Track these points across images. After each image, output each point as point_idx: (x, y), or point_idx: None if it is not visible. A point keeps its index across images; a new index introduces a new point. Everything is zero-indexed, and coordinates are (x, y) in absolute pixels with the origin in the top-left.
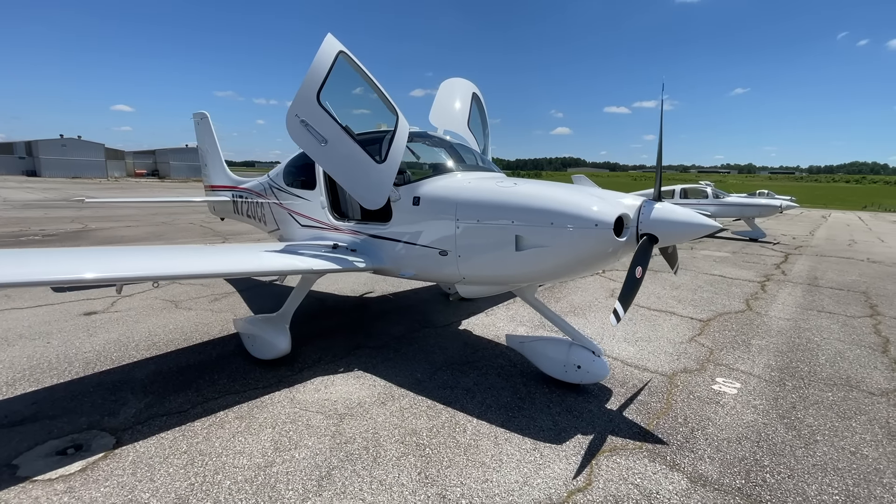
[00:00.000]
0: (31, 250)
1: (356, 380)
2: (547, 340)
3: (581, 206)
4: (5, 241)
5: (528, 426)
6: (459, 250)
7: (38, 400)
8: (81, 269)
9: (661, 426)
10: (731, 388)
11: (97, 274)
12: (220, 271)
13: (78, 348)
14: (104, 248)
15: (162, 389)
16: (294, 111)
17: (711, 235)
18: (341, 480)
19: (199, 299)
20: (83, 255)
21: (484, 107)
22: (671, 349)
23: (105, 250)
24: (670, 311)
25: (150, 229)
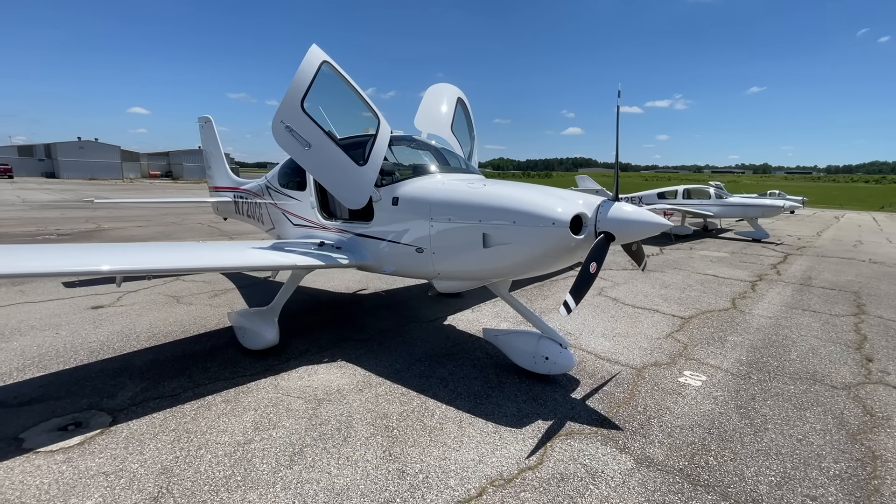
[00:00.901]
0: (33, 246)
1: (338, 369)
2: (518, 333)
3: (540, 205)
4: (22, 240)
5: (492, 412)
6: (434, 248)
7: (45, 384)
8: (77, 263)
9: (619, 414)
10: (696, 380)
11: (90, 267)
12: (207, 266)
13: (84, 338)
14: (101, 245)
15: (157, 376)
16: (279, 118)
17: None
18: (311, 456)
19: (200, 295)
20: (81, 251)
21: (469, 111)
22: (646, 344)
23: (101, 246)
24: (654, 309)
25: (160, 229)
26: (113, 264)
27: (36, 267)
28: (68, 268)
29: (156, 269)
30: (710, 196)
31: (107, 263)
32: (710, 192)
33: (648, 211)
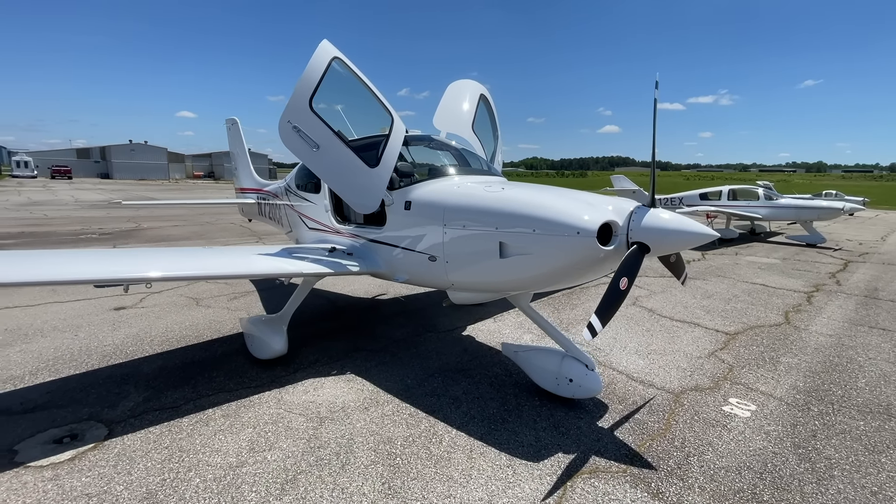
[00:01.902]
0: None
1: (346, 383)
2: (540, 350)
3: (563, 212)
4: (65, 239)
5: (507, 440)
6: (447, 256)
7: (53, 389)
8: (74, 272)
9: (653, 449)
10: (744, 410)
11: (87, 276)
12: (204, 274)
13: (100, 341)
14: (108, 251)
15: (163, 384)
16: (286, 118)
17: (758, 238)
18: (305, 486)
19: (220, 297)
20: (88, 257)
21: (493, 108)
22: (685, 364)
23: (108, 253)
24: (694, 323)
25: (194, 228)
26: (107, 273)
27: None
28: (50, 277)
29: (150, 278)
30: (759, 197)
31: (96, 273)
32: (759, 192)
33: (690, 218)
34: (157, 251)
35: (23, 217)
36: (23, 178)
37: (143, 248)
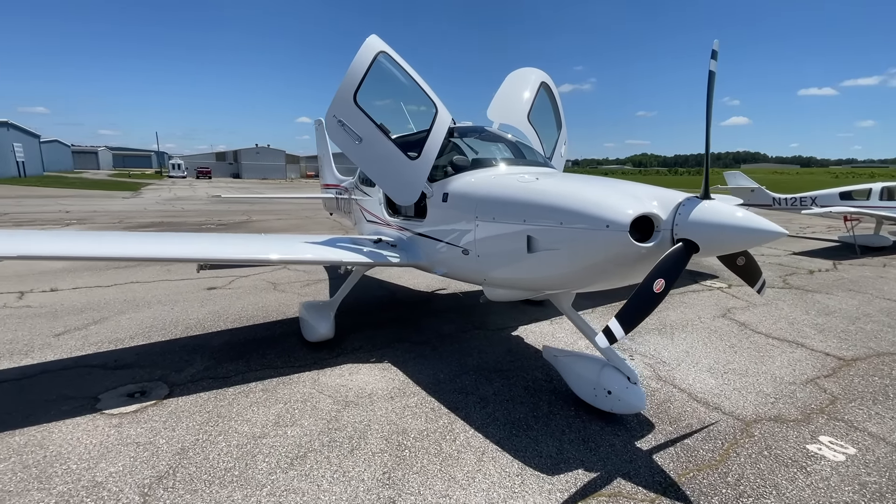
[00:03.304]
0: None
1: (380, 371)
2: (581, 357)
3: (592, 203)
4: (190, 228)
5: (525, 448)
6: (478, 250)
7: (141, 352)
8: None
9: (697, 481)
10: (837, 452)
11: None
12: (250, 258)
13: (188, 315)
14: (185, 235)
15: (223, 356)
16: (332, 112)
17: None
18: (311, 464)
19: (295, 284)
20: (163, 239)
21: (556, 97)
22: (770, 389)
23: (183, 236)
24: (797, 342)
25: (294, 222)
26: (182, 253)
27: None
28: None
29: (206, 258)
30: None
31: (173, 252)
32: None
33: (754, 213)
34: (222, 237)
35: (166, 210)
36: (176, 177)
37: (218, 234)
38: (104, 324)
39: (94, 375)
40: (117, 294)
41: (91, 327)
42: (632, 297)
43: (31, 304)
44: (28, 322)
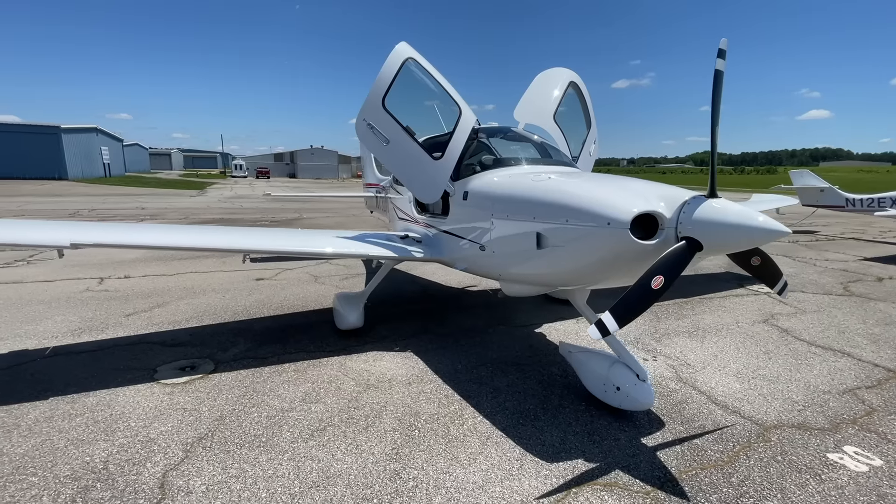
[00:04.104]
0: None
1: (402, 359)
2: (593, 353)
3: (595, 201)
4: (245, 224)
5: (529, 437)
6: (493, 246)
7: (193, 333)
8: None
9: (698, 479)
10: (861, 463)
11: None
12: (285, 249)
13: (236, 302)
14: (230, 228)
15: (263, 340)
16: (362, 116)
17: None
18: (329, 436)
19: (334, 277)
20: (199, 231)
21: (586, 96)
22: (801, 396)
23: (220, 229)
24: (843, 351)
25: (339, 220)
26: (214, 244)
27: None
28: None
29: (242, 250)
30: None
31: (210, 243)
32: None
33: (759, 212)
34: (263, 231)
35: (226, 207)
36: (237, 177)
37: (261, 229)
38: (166, 307)
39: (154, 351)
40: (179, 282)
41: (155, 310)
42: (628, 292)
43: (108, 289)
44: (105, 304)
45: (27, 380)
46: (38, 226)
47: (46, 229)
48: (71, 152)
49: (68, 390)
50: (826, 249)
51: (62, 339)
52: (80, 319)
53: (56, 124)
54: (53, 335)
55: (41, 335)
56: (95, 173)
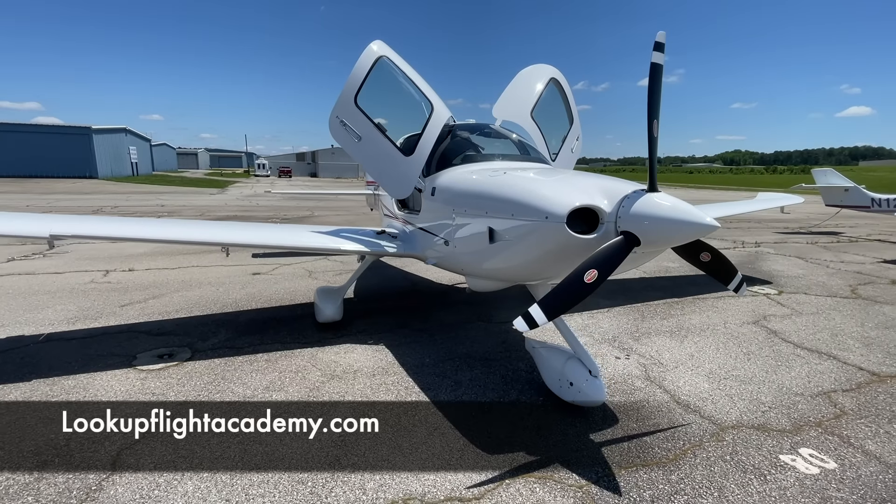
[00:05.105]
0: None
1: (373, 352)
2: (552, 349)
3: (536, 195)
4: (256, 220)
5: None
6: (455, 241)
7: (180, 323)
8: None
9: (636, 476)
10: (813, 465)
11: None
12: (258, 243)
13: (228, 295)
14: (202, 222)
15: (243, 331)
16: (335, 113)
17: None
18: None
19: (329, 272)
20: (186, 225)
21: (567, 92)
22: (769, 398)
23: (202, 223)
24: (830, 354)
25: (349, 217)
26: (197, 237)
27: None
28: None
29: (216, 242)
30: None
31: (191, 236)
32: None
33: (694, 207)
34: (241, 226)
35: (242, 205)
36: (260, 176)
37: (241, 223)
38: (160, 299)
39: (139, 339)
40: (178, 276)
41: (149, 301)
42: (559, 285)
43: (110, 281)
44: (105, 294)
45: (16, 363)
46: (22, 218)
47: (29, 221)
48: (101, 152)
49: (51, 374)
50: (845, 251)
51: (57, 327)
52: (77, 309)
53: (87, 125)
54: (50, 322)
55: (39, 323)
56: (124, 172)
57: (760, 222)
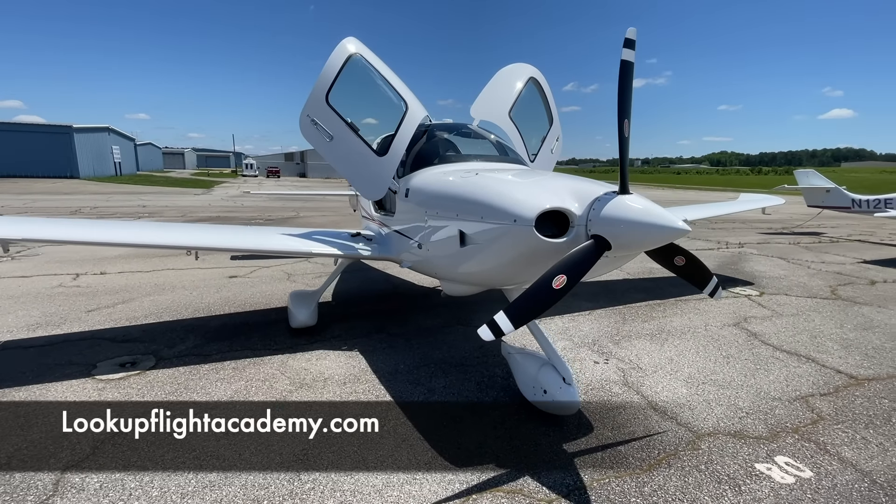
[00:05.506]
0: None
1: (346, 359)
2: (528, 354)
3: (505, 198)
4: (238, 222)
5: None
6: (428, 244)
7: (147, 329)
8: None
9: (608, 487)
10: (788, 474)
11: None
12: (227, 246)
13: (201, 300)
14: (185, 225)
15: (212, 337)
16: (306, 112)
17: None
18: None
19: (309, 275)
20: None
21: (547, 91)
22: (747, 404)
23: (169, 226)
24: (809, 357)
25: (334, 218)
26: (147, 239)
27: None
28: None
29: (179, 245)
30: None
31: (148, 239)
32: None
33: (665, 210)
34: (211, 228)
35: (226, 206)
36: (248, 176)
37: (212, 226)
38: (130, 304)
39: (102, 346)
40: (152, 279)
41: (118, 306)
42: (526, 291)
43: (80, 285)
44: (72, 299)
45: None
46: None
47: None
48: (83, 151)
49: (2, 384)
50: (826, 251)
51: (16, 334)
52: (41, 314)
53: (69, 124)
54: (9, 329)
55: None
56: (106, 172)
57: (745, 223)
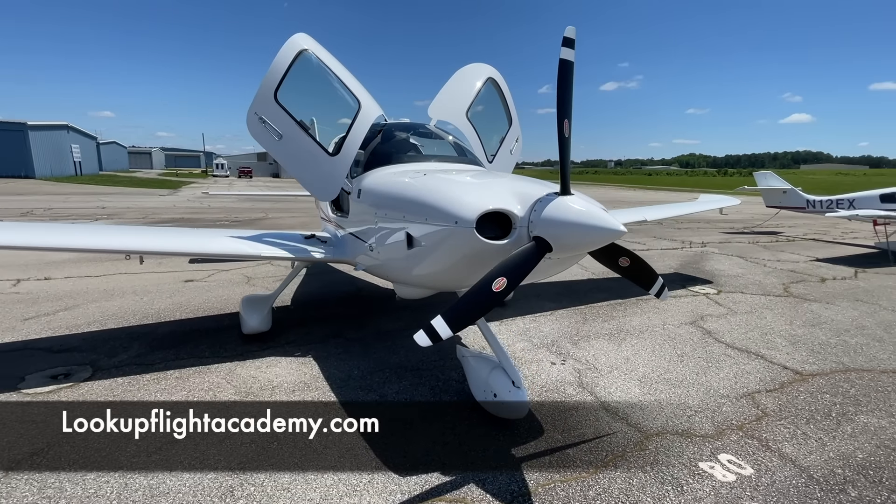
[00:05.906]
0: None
1: (298, 366)
2: (481, 357)
3: (448, 200)
4: (204, 225)
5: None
6: (378, 246)
7: (88, 338)
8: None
9: (552, 492)
10: (730, 472)
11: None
12: (173, 250)
13: (152, 305)
14: (118, 227)
15: (158, 345)
16: (253, 109)
17: None
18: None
19: (269, 279)
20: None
21: (505, 92)
22: (696, 401)
23: (112, 228)
24: (758, 353)
25: (304, 219)
26: (109, 245)
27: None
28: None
29: (132, 250)
30: None
31: (102, 244)
32: None
33: (603, 211)
34: (160, 230)
35: (193, 207)
36: (219, 176)
37: (161, 227)
38: (73, 311)
39: (35, 357)
40: (101, 284)
41: (59, 313)
42: (465, 295)
43: (20, 291)
44: (8, 307)
45: None
46: None
47: None
48: (38, 150)
49: None
50: (782, 250)
51: None
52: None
53: (22, 121)
54: None
55: None
56: (66, 172)
57: (709, 223)
